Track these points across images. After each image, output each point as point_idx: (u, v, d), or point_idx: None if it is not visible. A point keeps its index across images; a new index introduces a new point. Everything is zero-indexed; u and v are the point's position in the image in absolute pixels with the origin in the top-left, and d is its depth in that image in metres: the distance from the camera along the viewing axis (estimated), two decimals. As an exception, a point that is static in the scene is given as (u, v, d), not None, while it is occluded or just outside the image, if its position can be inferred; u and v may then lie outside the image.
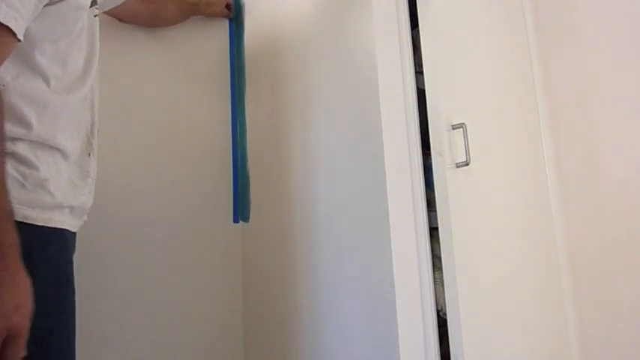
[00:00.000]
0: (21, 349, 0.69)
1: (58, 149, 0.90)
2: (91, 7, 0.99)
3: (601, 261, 1.57)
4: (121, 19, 1.51)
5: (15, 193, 0.78)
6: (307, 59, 1.50)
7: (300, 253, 1.43)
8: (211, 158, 1.61)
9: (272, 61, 1.64)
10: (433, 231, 1.27)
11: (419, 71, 1.34)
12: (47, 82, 0.89)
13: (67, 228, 0.91)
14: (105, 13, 1.23)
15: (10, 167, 0.80)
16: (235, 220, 1.67)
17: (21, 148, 0.84)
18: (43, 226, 0.83)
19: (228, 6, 1.74)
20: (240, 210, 1.68)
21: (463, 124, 1.29)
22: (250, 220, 1.65)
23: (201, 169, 1.56)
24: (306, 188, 1.44)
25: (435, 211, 1.25)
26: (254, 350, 1.57)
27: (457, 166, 1.28)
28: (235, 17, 1.75)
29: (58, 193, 0.88)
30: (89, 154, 1.00)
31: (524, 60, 1.71)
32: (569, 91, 1.69)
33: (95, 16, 1.02)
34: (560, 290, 1.58)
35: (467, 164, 1.28)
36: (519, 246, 1.49)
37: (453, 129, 1.29)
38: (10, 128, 0.81)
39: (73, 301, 0.90)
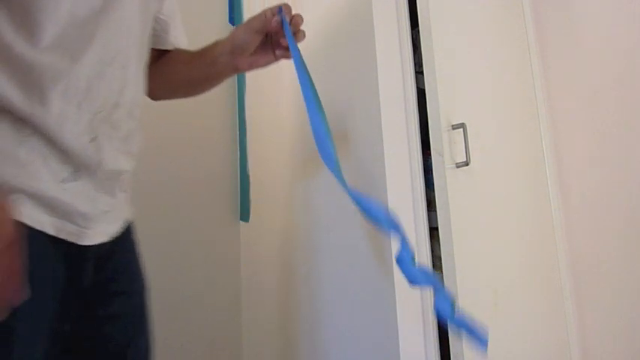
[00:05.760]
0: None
1: (23, 119, 0.67)
2: None
3: (602, 260, 1.57)
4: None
5: None
6: (307, 59, 1.49)
7: (299, 253, 1.43)
8: (212, 158, 1.61)
9: (272, 61, 1.63)
10: (433, 231, 1.27)
11: (419, 71, 1.34)
12: (25, 32, 0.67)
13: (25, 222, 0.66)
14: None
15: None
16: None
17: None
18: None
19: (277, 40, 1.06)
20: (240, 210, 1.68)
21: (463, 124, 1.29)
22: (250, 220, 1.65)
23: (202, 169, 1.56)
24: (306, 188, 1.44)
25: (435, 211, 1.25)
26: (254, 350, 1.57)
27: (457, 166, 1.28)
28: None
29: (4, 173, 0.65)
30: (93, 139, 0.74)
31: (524, 60, 1.71)
32: (569, 91, 1.69)
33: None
34: (561, 290, 1.58)
35: (467, 164, 1.28)
36: (519, 246, 1.49)
37: (453, 129, 1.29)
38: None
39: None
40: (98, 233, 0.77)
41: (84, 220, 0.73)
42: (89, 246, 0.75)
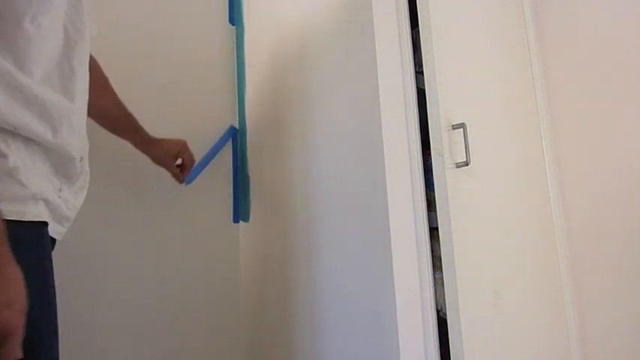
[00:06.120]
0: (15, 350, 0.61)
1: (35, 141, 0.79)
2: None
3: (602, 259, 1.57)
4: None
5: None
6: (307, 59, 1.50)
7: (300, 253, 1.43)
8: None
9: (272, 61, 1.64)
10: (433, 231, 1.27)
11: (419, 71, 1.34)
12: (20, 65, 0.77)
13: (45, 220, 0.80)
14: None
15: None
16: (235, 220, 1.67)
17: None
18: (16, 221, 0.71)
19: (182, 166, 1.48)
20: (240, 210, 1.68)
21: (463, 124, 1.29)
22: (250, 220, 1.65)
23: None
24: (306, 188, 1.44)
25: (435, 211, 1.25)
26: (254, 350, 1.57)
27: (457, 166, 1.28)
28: (189, 180, 1.50)
29: (30, 183, 0.76)
30: (81, 159, 0.89)
31: (524, 60, 1.71)
32: (569, 91, 1.69)
33: None
34: (561, 289, 1.58)
35: (467, 164, 1.28)
36: (519, 246, 1.49)
37: (453, 129, 1.30)
38: None
39: (54, 303, 0.80)
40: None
41: (67, 222, 0.89)
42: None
